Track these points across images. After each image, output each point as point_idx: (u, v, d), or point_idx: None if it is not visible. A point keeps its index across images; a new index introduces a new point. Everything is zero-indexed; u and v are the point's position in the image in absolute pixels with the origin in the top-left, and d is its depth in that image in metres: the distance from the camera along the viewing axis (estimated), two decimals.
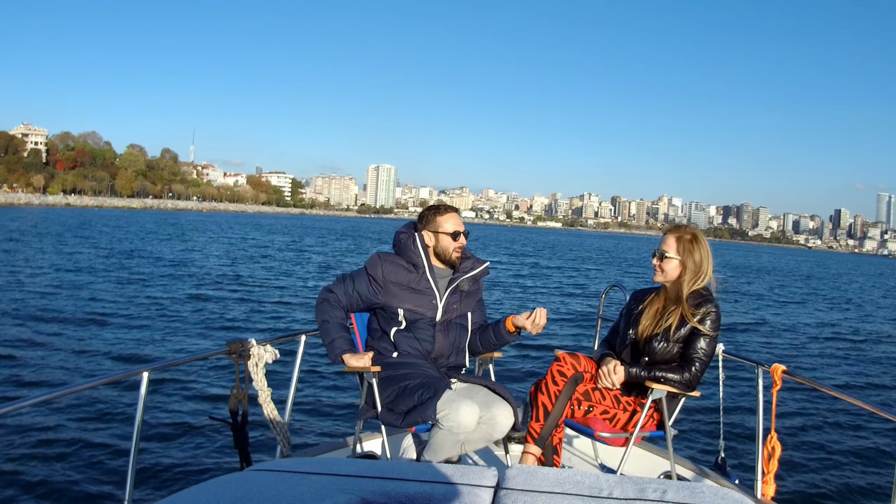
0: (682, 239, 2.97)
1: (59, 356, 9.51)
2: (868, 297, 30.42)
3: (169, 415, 6.94)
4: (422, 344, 2.94)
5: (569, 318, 14.88)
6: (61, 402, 6.87)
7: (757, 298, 18.44)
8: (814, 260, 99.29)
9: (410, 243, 3.03)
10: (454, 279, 3.04)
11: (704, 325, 2.88)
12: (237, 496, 1.42)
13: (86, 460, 5.73)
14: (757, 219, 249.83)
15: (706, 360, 2.90)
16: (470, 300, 3.10)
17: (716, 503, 1.46)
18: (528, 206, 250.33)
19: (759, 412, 2.93)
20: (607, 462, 3.46)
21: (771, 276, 37.02)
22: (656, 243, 3.05)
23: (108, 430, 6.41)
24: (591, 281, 25.92)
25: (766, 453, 2.86)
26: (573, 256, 50.77)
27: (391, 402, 2.81)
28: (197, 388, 7.92)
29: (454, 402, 2.63)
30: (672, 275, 2.96)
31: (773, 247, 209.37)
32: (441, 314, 3.00)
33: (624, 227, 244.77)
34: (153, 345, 10.74)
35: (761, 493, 2.87)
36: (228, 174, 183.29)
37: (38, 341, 10.54)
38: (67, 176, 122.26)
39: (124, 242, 34.86)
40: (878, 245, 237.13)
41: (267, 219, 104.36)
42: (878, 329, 14.31)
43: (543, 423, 2.82)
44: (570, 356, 2.95)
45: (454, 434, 2.65)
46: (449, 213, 3.08)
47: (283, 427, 3.10)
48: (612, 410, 2.94)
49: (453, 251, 3.02)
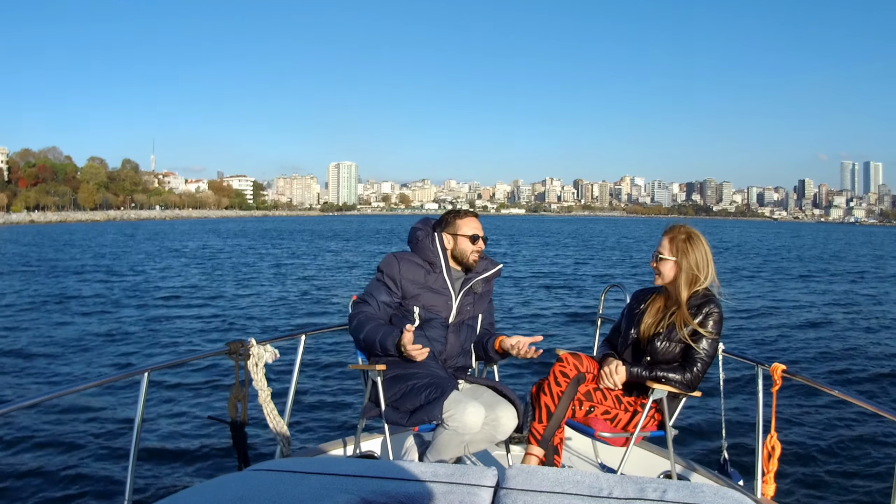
0: (675, 239, 2.93)
1: (59, 356, 9.51)
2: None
3: (169, 415, 6.94)
4: (433, 344, 2.93)
5: (568, 317, 14.88)
6: (61, 402, 6.87)
7: (757, 297, 18.44)
8: (787, 232, 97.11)
9: (429, 242, 3.00)
10: (468, 280, 3.04)
11: (706, 327, 2.86)
12: (237, 496, 1.42)
13: (86, 460, 5.73)
14: (721, 194, 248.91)
15: (708, 361, 2.89)
16: (482, 302, 3.10)
17: (716, 503, 1.46)
18: (490, 195, 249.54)
19: (758, 412, 2.92)
20: (607, 462, 3.46)
21: (753, 258, 36.27)
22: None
23: (108, 430, 6.41)
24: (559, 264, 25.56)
25: (766, 453, 2.86)
26: (541, 242, 50.61)
27: (397, 401, 2.80)
28: (197, 388, 7.92)
29: (460, 403, 2.63)
30: (669, 276, 2.94)
31: (738, 220, 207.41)
32: (455, 315, 2.99)
33: (587, 209, 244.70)
34: (153, 345, 10.74)
35: (761, 493, 2.86)
36: (190, 181, 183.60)
37: (38, 341, 10.54)
38: (30, 193, 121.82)
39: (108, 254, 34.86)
40: (843, 213, 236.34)
41: (234, 223, 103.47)
42: (882, 323, 14.34)
43: (546, 424, 2.81)
44: (572, 356, 2.93)
45: (459, 434, 2.64)
46: (468, 216, 3.07)
47: (282, 427, 3.09)
48: (614, 411, 2.93)
49: (471, 255, 3.01)
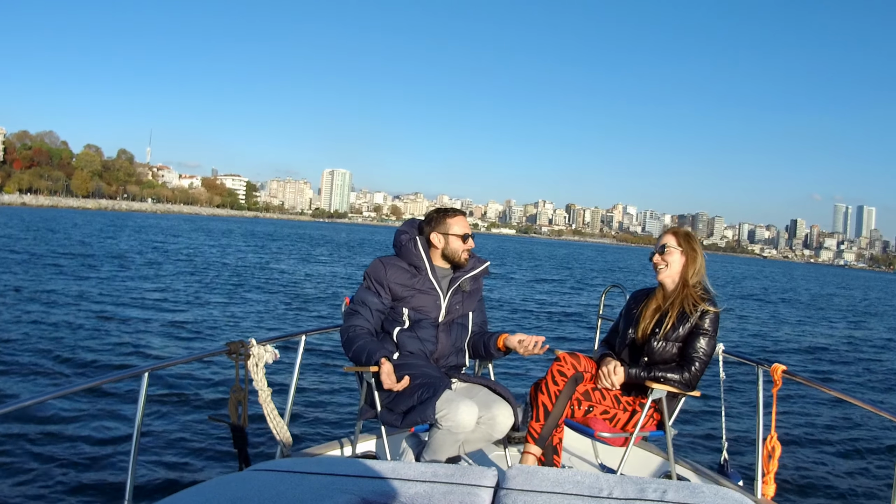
0: (678, 233, 3.09)
1: (59, 356, 9.51)
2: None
3: (169, 415, 6.94)
4: (424, 344, 2.94)
5: (568, 317, 14.88)
6: (61, 402, 6.87)
7: (758, 303, 18.45)
8: (779, 272, 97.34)
9: (412, 246, 3.02)
10: (456, 279, 3.04)
11: (703, 325, 2.90)
12: (237, 496, 1.42)
13: (86, 460, 5.73)
14: (712, 228, 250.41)
15: (706, 360, 2.90)
16: (471, 300, 3.11)
17: (716, 503, 1.46)
18: (482, 213, 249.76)
19: (759, 412, 2.92)
20: (607, 462, 3.46)
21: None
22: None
23: (108, 430, 6.41)
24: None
25: (766, 453, 2.86)
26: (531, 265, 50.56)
27: (391, 403, 2.81)
28: (197, 388, 7.91)
29: (453, 402, 2.63)
30: (676, 266, 3.01)
31: (727, 256, 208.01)
32: (444, 314, 3.00)
33: (578, 234, 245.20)
34: (153, 345, 10.74)
35: (761, 493, 2.86)
36: (184, 176, 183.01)
37: (39, 342, 10.53)
38: (24, 175, 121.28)
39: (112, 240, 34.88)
40: (833, 255, 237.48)
41: (225, 222, 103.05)
42: (878, 334, 14.34)
43: (544, 423, 2.82)
44: (570, 356, 2.95)
45: (453, 434, 2.65)
46: (458, 215, 3.08)
47: (282, 427, 3.09)
48: (613, 410, 2.94)
49: (462, 252, 3.02)
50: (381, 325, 3.00)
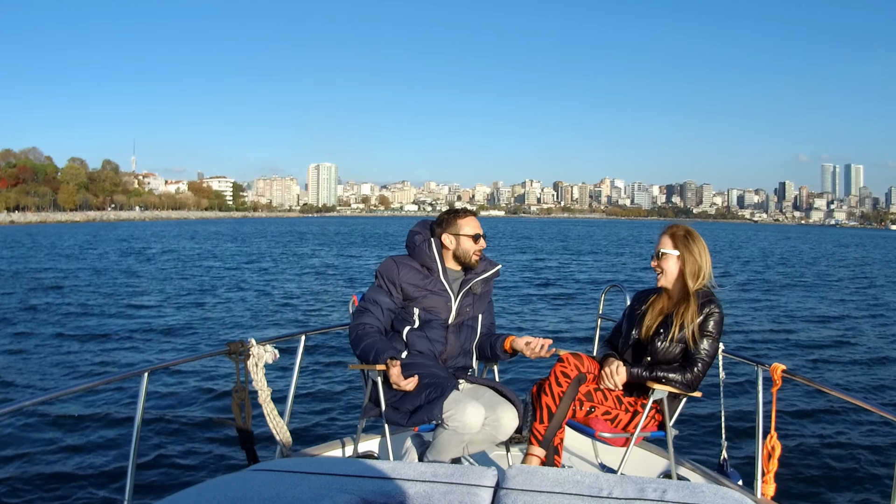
0: (675, 235, 2.98)
1: (59, 357, 9.51)
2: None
3: (169, 415, 6.94)
4: (434, 344, 2.95)
5: (568, 317, 14.89)
6: (61, 403, 6.87)
7: (755, 300, 18.45)
8: (773, 235, 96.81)
9: (426, 247, 3.02)
10: (467, 281, 3.05)
11: (707, 327, 2.87)
12: (237, 496, 1.42)
13: (86, 460, 5.73)
14: (701, 196, 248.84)
15: (708, 361, 2.89)
16: (482, 302, 3.11)
17: (716, 503, 1.46)
18: (470, 196, 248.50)
19: (758, 412, 2.92)
20: (608, 462, 3.46)
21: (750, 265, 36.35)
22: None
23: (108, 430, 6.41)
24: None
25: (766, 453, 2.86)
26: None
27: (397, 401, 2.81)
28: (196, 388, 7.92)
29: (460, 403, 2.63)
30: (674, 273, 2.96)
31: (718, 223, 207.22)
32: (454, 316, 3.01)
33: (567, 211, 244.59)
34: (153, 345, 10.74)
35: (761, 493, 2.86)
36: (170, 182, 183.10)
37: (39, 342, 10.54)
38: (10, 193, 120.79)
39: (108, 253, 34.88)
40: (824, 216, 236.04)
41: (213, 224, 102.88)
42: (881, 326, 14.34)
43: (547, 425, 2.80)
44: (573, 357, 2.93)
45: (459, 434, 2.65)
46: (469, 216, 3.08)
47: (282, 427, 3.10)
48: (614, 411, 2.93)
49: (474, 254, 3.02)
50: (390, 324, 3.00)
